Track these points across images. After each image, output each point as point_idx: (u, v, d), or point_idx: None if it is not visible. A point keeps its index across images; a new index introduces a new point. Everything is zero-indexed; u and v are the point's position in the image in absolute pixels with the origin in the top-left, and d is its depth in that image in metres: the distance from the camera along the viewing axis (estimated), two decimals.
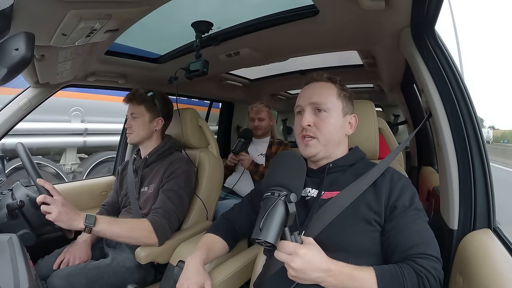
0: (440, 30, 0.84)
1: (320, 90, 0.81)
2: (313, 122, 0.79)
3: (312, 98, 0.80)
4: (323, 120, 0.79)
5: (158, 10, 0.92)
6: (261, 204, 0.65)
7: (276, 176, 0.68)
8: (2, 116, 1.29)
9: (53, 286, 0.93)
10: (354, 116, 0.85)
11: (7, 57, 0.50)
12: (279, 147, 1.94)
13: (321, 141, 0.79)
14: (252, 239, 0.62)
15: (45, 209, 0.91)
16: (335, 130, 0.80)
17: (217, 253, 0.92)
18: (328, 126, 0.79)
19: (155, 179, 1.23)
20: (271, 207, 0.61)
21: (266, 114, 1.99)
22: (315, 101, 0.80)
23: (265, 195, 0.66)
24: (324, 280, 0.61)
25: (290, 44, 1.31)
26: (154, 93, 1.37)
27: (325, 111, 0.79)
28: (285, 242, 0.62)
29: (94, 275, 0.99)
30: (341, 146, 0.84)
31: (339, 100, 0.81)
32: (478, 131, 0.74)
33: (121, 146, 1.90)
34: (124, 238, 1.03)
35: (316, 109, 0.80)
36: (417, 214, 0.70)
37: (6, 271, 0.55)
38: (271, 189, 0.65)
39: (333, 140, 0.80)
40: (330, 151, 0.81)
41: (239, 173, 1.90)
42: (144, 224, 1.06)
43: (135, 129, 1.28)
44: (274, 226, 0.60)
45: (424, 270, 0.62)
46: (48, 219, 0.91)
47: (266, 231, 0.59)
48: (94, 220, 0.96)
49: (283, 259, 0.61)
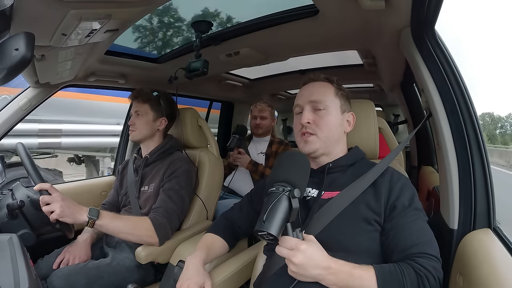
0: (440, 30, 0.84)
1: (318, 89, 0.83)
2: (313, 119, 0.80)
3: (311, 96, 0.82)
4: (322, 118, 0.80)
5: (158, 10, 0.92)
6: (265, 198, 0.66)
7: (281, 172, 0.69)
8: (2, 116, 1.29)
9: (53, 285, 0.93)
10: (352, 114, 0.87)
11: (7, 57, 0.50)
12: (279, 147, 1.95)
13: (320, 138, 0.80)
14: (255, 231, 0.62)
15: (47, 209, 0.90)
16: (334, 127, 0.81)
17: (217, 252, 0.93)
18: (328, 123, 0.80)
19: (155, 178, 1.23)
20: (275, 201, 0.63)
21: (268, 113, 2.01)
22: (314, 99, 0.81)
23: (269, 190, 0.67)
24: (324, 278, 0.61)
25: (290, 44, 1.31)
26: (159, 93, 1.38)
27: (324, 108, 0.81)
28: (287, 237, 0.62)
29: (93, 275, 0.99)
30: (340, 144, 0.85)
31: (337, 98, 0.83)
32: (478, 131, 0.75)
33: (121, 145, 1.90)
34: (126, 234, 1.03)
35: (315, 107, 0.81)
36: (417, 214, 0.70)
37: (6, 271, 0.55)
38: (276, 184, 0.66)
39: (332, 137, 0.81)
40: (329, 148, 0.82)
41: (237, 172, 1.91)
42: (145, 223, 1.06)
43: (138, 127, 1.28)
44: (277, 219, 0.61)
45: (424, 269, 0.62)
46: (52, 218, 0.90)
47: (269, 223, 0.60)
48: (97, 213, 0.96)
49: (284, 254, 0.62)
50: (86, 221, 0.94)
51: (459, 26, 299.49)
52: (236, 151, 1.86)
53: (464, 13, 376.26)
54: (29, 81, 1.30)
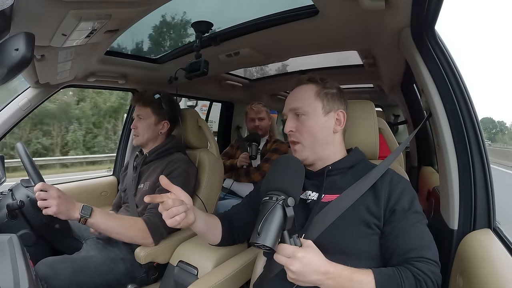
0: (440, 30, 0.84)
1: (298, 94, 0.83)
2: (295, 127, 0.81)
3: (290, 104, 0.83)
4: (302, 124, 0.80)
5: (158, 10, 0.92)
6: (260, 208, 0.65)
7: (274, 180, 0.68)
8: (2, 116, 1.29)
9: (38, 273, 0.91)
10: (341, 111, 0.82)
11: (7, 57, 0.50)
12: (272, 144, 1.97)
13: (305, 145, 0.80)
14: (251, 243, 0.62)
15: (42, 204, 0.89)
16: (317, 131, 0.80)
17: (212, 223, 0.88)
18: (309, 129, 0.79)
19: (151, 176, 1.23)
20: (269, 211, 0.62)
21: (265, 113, 2.02)
22: (293, 107, 0.82)
23: (263, 199, 0.66)
24: (323, 283, 0.61)
25: (290, 44, 1.31)
26: (161, 96, 1.36)
27: (304, 114, 0.80)
28: (284, 245, 0.62)
29: (79, 265, 1.00)
30: (331, 146, 0.82)
31: (318, 100, 0.81)
32: (478, 131, 0.74)
33: (120, 147, 1.90)
34: (117, 235, 1.03)
35: (296, 114, 0.81)
36: (416, 218, 0.70)
37: (6, 271, 0.55)
38: (269, 193, 0.65)
39: (317, 141, 0.80)
40: (319, 153, 0.81)
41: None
42: (139, 224, 1.06)
43: (140, 130, 1.28)
44: (272, 230, 0.60)
45: (422, 274, 0.62)
46: (46, 212, 0.89)
47: (264, 235, 0.60)
48: (90, 211, 0.95)
49: (282, 262, 0.61)
50: (78, 218, 0.94)
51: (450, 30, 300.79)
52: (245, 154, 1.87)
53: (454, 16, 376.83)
54: (29, 81, 1.30)
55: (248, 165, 1.88)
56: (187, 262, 1.03)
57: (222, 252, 1.02)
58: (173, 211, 0.68)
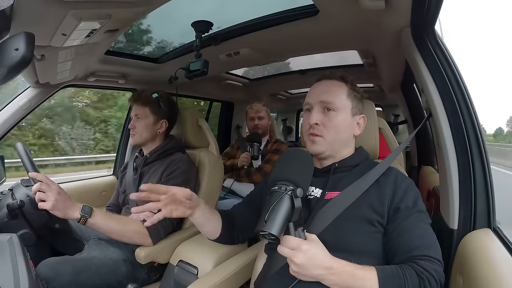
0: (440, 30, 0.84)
1: (330, 88, 0.80)
2: (321, 120, 0.78)
3: (321, 96, 0.79)
4: (331, 120, 0.78)
5: (158, 10, 0.92)
6: (267, 197, 0.65)
7: (284, 170, 0.68)
8: (2, 116, 1.29)
9: (40, 274, 0.91)
10: (363, 117, 0.83)
11: (7, 57, 0.50)
12: (273, 144, 1.97)
13: (327, 140, 0.78)
14: (256, 231, 0.61)
15: (40, 196, 0.88)
16: (343, 130, 0.79)
17: (213, 218, 0.91)
18: (336, 126, 0.78)
19: (153, 178, 1.23)
20: (277, 201, 0.62)
21: (265, 113, 2.01)
22: (324, 100, 0.79)
23: (272, 188, 0.66)
24: (326, 278, 0.61)
25: (290, 44, 1.30)
26: (159, 95, 1.34)
27: (334, 110, 0.78)
28: (289, 236, 0.62)
29: (81, 266, 1.00)
30: (348, 147, 0.83)
31: (349, 100, 0.80)
32: (478, 131, 0.74)
33: (121, 146, 1.90)
34: (117, 235, 1.03)
35: (325, 107, 0.79)
36: (420, 216, 0.69)
37: (6, 271, 0.55)
38: (278, 183, 0.65)
39: (339, 140, 0.79)
40: (336, 150, 0.81)
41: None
42: (137, 225, 1.06)
43: (138, 130, 1.28)
44: (279, 219, 0.60)
45: (426, 272, 0.61)
46: (41, 206, 0.88)
47: (271, 223, 0.60)
48: (90, 211, 0.95)
49: (285, 254, 0.61)
50: (78, 218, 0.94)
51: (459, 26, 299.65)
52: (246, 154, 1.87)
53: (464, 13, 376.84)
54: (29, 81, 1.30)
55: (249, 165, 1.88)
56: (187, 261, 1.03)
57: (222, 251, 1.02)
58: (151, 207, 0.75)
